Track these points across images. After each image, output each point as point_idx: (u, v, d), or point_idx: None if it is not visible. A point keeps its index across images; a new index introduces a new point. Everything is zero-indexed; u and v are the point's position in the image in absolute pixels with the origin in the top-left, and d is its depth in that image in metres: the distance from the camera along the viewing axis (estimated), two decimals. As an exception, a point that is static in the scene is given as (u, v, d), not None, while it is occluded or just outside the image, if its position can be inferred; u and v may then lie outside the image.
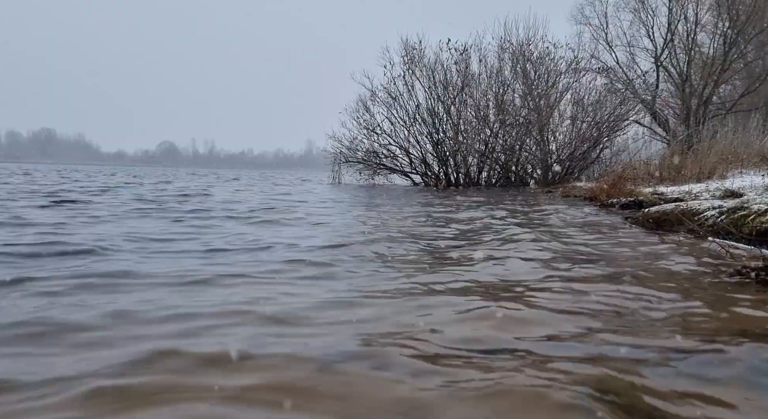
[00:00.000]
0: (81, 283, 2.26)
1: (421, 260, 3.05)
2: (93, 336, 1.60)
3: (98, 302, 1.98)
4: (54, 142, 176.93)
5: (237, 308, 1.91)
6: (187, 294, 2.14)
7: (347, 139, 20.31)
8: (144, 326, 1.71)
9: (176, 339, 1.57)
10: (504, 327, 1.71)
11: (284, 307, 1.93)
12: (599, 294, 2.18)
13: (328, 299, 2.07)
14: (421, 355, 1.44)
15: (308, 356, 1.41)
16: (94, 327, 1.68)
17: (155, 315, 1.81)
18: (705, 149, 9.46)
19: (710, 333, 1.67)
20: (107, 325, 1.70)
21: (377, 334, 1.62)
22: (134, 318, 1.79)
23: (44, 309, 1.86)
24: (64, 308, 1.89)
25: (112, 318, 1.77)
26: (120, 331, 1.65)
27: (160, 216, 5.34)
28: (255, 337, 1.58)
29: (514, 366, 1.38)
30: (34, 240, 3.38)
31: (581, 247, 3.56)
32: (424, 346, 1.52)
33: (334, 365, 1.36)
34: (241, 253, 3.21)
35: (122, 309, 1.87)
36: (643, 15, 20.85)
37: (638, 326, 1.76)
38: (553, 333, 1.67)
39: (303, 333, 1.64)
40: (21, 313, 1.81)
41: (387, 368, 1.34)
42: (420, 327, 1.69)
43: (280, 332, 1.65)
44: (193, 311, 1.86)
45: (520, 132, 19.26)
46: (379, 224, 5.08)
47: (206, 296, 2.12)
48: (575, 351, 1.50)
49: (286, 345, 1.51)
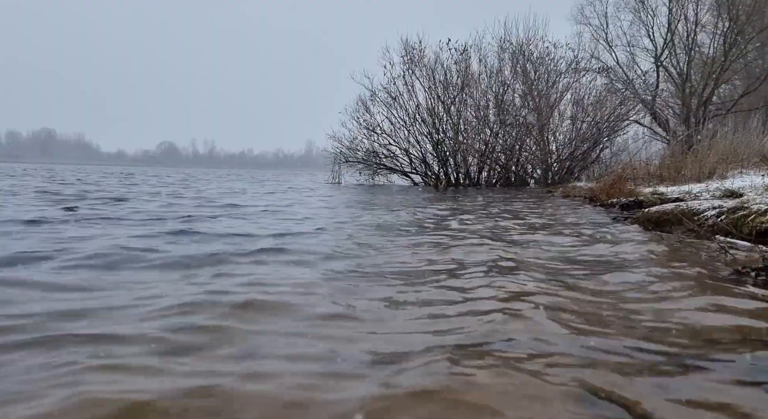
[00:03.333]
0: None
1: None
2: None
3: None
4: (54, 142, 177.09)
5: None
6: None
7: (347, 139, 20.36)
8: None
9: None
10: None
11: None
12: (599, 294, 2.18)
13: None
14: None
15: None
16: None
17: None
18: (705, 149, 9.45)
19: (710, 333, 1.66)
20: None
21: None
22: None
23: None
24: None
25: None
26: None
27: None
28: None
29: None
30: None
31: (581, 248, 3.55)
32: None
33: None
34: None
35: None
36: (643, 15, 20.88)
37: (637, 326, 1.75)
38: (550, 333, 1.66)
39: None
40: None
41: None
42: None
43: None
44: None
45: (520, 132, 19.27)
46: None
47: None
48: (571, 351, 1.50)
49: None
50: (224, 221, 4.89)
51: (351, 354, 1.46)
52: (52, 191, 9.08)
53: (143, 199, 7.89)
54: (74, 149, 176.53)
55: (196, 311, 1.83)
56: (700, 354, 1.49)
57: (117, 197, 7.94)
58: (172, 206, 6.62)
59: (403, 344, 1.55)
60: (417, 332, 1.68)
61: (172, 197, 8.72)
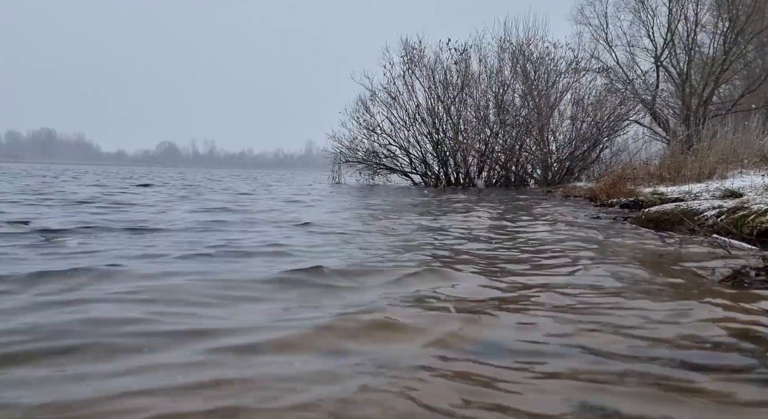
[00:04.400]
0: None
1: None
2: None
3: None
4: (54, 142, 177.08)
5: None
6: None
7: (347, 139, 20.35)
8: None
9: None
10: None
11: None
12: (598, 294, 2.17)
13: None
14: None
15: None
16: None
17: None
18: (705, 149, 9.44)
19: (709, 333, 1.66)
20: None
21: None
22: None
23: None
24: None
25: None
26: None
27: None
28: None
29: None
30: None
31: (580, 248, 3.55)
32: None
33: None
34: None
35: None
36: (643, 15, 20.88)
37: (636, 326, 1.75)
38: (547, 332, 1.66)
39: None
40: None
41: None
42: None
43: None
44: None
45: (520, 132, 19.26)
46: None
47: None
48: (570, 352, 1.50)
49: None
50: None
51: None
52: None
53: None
54: (74, 149, 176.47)
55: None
56: (699, 353, 1.49)
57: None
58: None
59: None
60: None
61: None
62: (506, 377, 1.32)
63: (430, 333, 1.62)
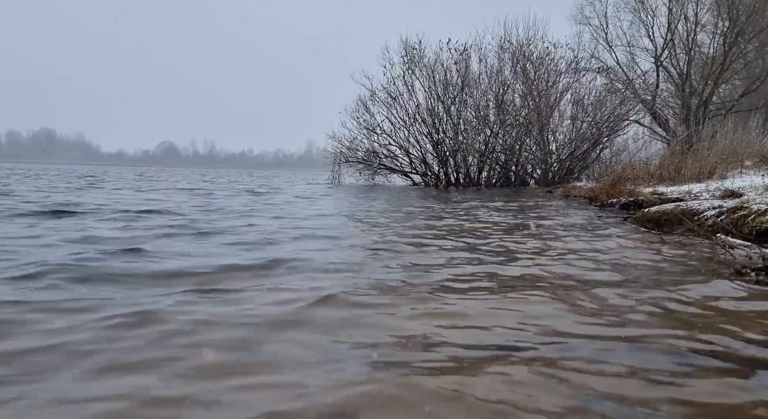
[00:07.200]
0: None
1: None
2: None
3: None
4: (54, 142, 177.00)
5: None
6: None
7: (347, 139, 20.30)
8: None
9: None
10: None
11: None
12: (597, 295, 2.18)
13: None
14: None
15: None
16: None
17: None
18: (705, 149, 9.44)
19: (709, 334, 1.66)
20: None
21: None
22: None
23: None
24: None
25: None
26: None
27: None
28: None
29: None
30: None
31: (580, 249, 3.56)
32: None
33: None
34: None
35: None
36: (643, 15, 20.87)
37: (636, 326, 1.75)
38: (547, 332, 1.67)
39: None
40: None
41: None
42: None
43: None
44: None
45: (520, 132, 19.25)
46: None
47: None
48: (575, 352, 1.50)
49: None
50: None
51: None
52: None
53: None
54: (74, 149, 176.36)
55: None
56: (699, 353, 1.49)
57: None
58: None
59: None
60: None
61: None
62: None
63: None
